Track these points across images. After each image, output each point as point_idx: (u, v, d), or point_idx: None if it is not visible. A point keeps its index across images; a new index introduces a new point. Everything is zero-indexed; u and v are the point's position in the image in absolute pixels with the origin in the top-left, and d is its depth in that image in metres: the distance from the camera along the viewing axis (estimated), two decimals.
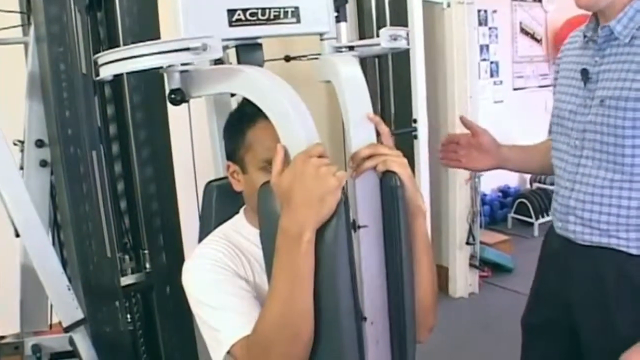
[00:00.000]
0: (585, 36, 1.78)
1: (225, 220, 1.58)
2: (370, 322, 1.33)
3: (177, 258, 2.21)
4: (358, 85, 1.34)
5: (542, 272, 2.05)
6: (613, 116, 1.63)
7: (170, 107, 1.85)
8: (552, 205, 1.95)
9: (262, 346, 1.25)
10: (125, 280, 2.24)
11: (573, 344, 1.87)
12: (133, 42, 1.77)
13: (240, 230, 1.51)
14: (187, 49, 1.17)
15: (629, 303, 1.69)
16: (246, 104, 1.51)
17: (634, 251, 1.68)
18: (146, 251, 2.24)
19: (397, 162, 1.29)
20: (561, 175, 1.85)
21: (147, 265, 2.25)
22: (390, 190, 1.29)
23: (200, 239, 1.65)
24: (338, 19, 1.49)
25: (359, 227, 1.30)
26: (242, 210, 1.57)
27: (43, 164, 2.06)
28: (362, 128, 1.32)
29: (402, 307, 1.32)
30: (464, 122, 2.06)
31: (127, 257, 2.31)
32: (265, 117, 1.42)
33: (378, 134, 1.34)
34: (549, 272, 1.97)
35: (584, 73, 1.74)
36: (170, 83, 1.29)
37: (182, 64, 1.26)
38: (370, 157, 1.29)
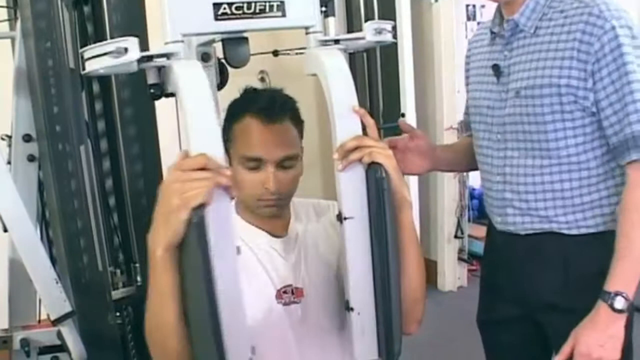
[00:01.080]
0: (492, 32, 1.83)
1: None
2: (357, 312, 1.35)
3: None
4: (343, 78, 1.33)
5: (489, 270, 2.09)
6: (531, 105, 1.68)
7: (157, 101, 1.86)
8: (486, 202, 1.98)
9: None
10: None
11: (535, 333, 1.90)
12: (120, 36, 1.77)
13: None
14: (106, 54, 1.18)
15: (578, 283, 1.72)
16: (245, 96, 1.54)
17: (574, 232, 1.73)
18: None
19: (382, 154, 1.30)
20: (489, 170, 1.87)
21: (138, 279, 2.27)
22: (376, 182, 1.29)
23: None
24: (326, 14, 1.49)
25: (345, 218, 1.31)
26: (233, 203, 1.58)
27: (31, 158, 2.06)
28: (348, 120, 1.32)
29: (389, 297, 1.33)
30: (402, 126, 2.01)
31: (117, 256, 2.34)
32: (252, 113, 1.45)
33: (363, 126, 1.35)
34: (497, 268, 1.97)
35: (495, 68, 1.79)
36: (149, 78, 1.30)
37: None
38: (355, 149, 1.29)
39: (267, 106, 1.47)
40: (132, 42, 1.18)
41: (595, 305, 1.59)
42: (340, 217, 1.32)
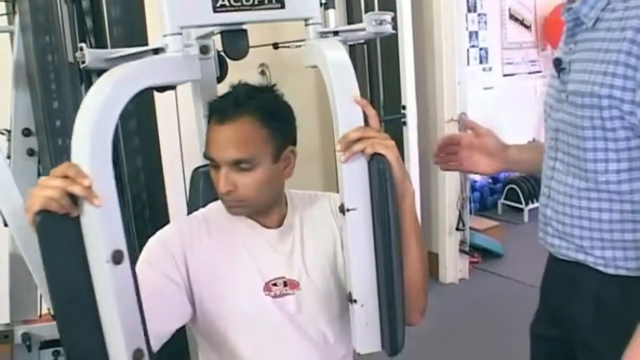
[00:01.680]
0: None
1: None
2: (360, 304, 1.35)
3: None
4: (345, 69, 1.32)
5: (543, 281, 1.79)
6: (574, 114, 1.43)
7: (157, 95, 1.85)
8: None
9: None
10: None
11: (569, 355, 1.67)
12: (119, 31, 1.76)
13: (223, 211, 1.52)
14: None
15: (609, 326, 1.49)
16: (231, 91, 1.51)
17: (611, 271, 1.47)
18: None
19: (384, 145, 1.29)
20: (542, 180, 1.65)
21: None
22: (379, 173, 1.29)
23: None
24: (326, 6, 1.49)
25: (348, 210, 1.30)
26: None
27: (30, 152, 2.06)
28: (350, 111, 1.31)
29: (393, 288, 1.33)
30: (465, 122, 1.86)
31: None
32: (217, 112, 1.45)
33: (365, 117, 1.34)
34: (546, 282, 1.76)
35: (557, 62, 1.53)
36: None
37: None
38: (358, 140, 1.28)
39: (224, 106, 1.44)
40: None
41: None
42: (342, 209, 1.31)
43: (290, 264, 1.55)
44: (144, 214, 2.20)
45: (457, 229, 4.82)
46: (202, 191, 1.69)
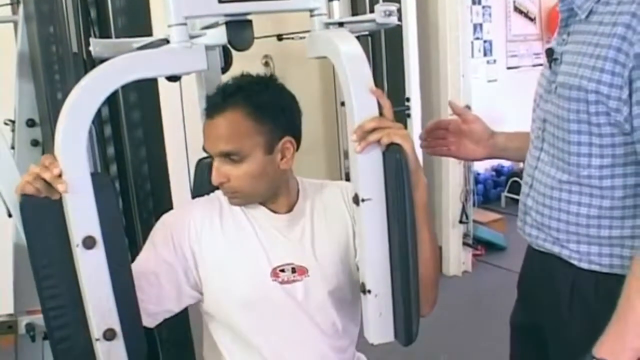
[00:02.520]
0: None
1: None
2: (374, 295, 1.35)
3: None
4: (359, 59, 1.31)
5: (522, 270, 1.81)
6: (561, 107, 1.42)
7: (161, 86, 1.85)
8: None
9: None
10: None
11: (542, 347, 1.69)
12: (123, 21, 1.76)
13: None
14: None
15: (582, 319, 1.50)
16: (222, 85, 1.52)
17: (584, 265, 1.47)
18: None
19: (400, 135, 1.29)
20: (525, 169, 1.64)
21: None
22: (396, 163, 1.29)
23: None
24: None
25: (363, 200, 1.30)
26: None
27: (34, 143, 2.06)
28: (365, 102, 1.30)
29: (408, 279, 1.33)
30: (453, 107, 1.86)
31: None
32: (210, 105, 1.47)
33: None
34: (524, 272, 1.78)
35: (549, 52, 1.52)
36: None
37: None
38: (373, 130, 1.28)
39: (213, 100, 1.48)
40: None
41: None
42: (357, 199, 1.31)
43: (300, 250, 1.56)
44: (147, 205, 2.20)
45: (461, 221, 4.82)
46: (206, 182, 1.68)
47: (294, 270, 1.54)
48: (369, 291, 1.35)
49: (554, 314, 1.57)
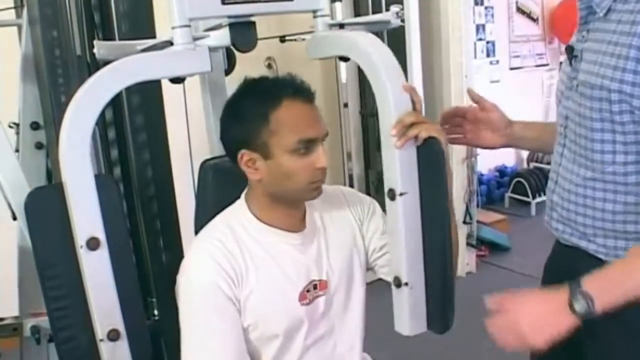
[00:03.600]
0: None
1: (222, 201, 1.59)
2: (410, 286, 1.40)
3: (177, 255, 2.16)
4: (390, 57, 1.36)
5: (548, 261, 1.81)
6: (583, 105, 1.44)
7: (165, 88, 1.85)
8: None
9: None
10: None
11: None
12: (126, 23, 1.76)
13: (246, 224, 1.50)
14: None
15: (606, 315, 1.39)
16: (257, 82, 1.48)
17: (611, 259, 1.48)
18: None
19: (436, 129, 1.33)
20: (551, 165, 1.67)
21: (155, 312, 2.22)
22: (436, 155, 1.33)
23: (197, 220, 1.66)
24: None
25: (401, 194, 1.33)
26: (244, 200, 1.55)
27: (39, 146, 2.06)
28: (401, 98, 1.33)
29: (445, 267, 1.39)
30: (471, 95, 1.85)
31: None
32: (291, 95, 1.42)
33: None
34: (549, 263, 1.80)
35: (569, 50, 1.53)
36: None
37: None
38: (411, 125, 1.31)
39: (301, 85, 1.45)
40: None
41: (560, 288, 1.35)
42: (392, 194, 1.34)
43: (319, 265, 1.54)
44: (152, 207, 2.20)
45: (464, 222, 4.81)
46: (210, 184, 1.69)
47: (315, 287, 1.53)
48: (406, 284, 1.40)
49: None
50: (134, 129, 2.14)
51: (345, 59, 1.47)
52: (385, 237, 1.57)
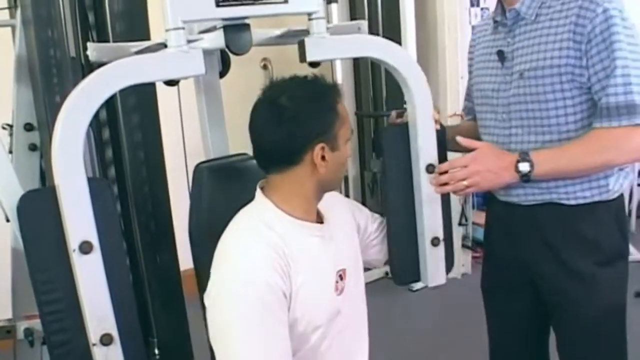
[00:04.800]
0: (495, 21, 1.98)
1: (216, 203, 1.58)
2: (444, 242, 1.78)
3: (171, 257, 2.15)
4: (421, 78, 1.70)
5: (491, 238, 2.21)
6: (534, 85, 1.82)
7: (159, 90, 1.84)
8: None
9: None
10: None
11: (532, 298, 2.03)
12: (120, 25, 1.76)
13: (278, 220, 1.50)
14: None
15: (576, 248, 1.87)
16: (303, 81, 1.53)
17: (572, 202, 1.86)
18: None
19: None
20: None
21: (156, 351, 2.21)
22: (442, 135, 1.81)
23: (191, 222, 1.65)
24: (329, 0, 1.49)
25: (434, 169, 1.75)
26: (265, 198, 1.53)
27: (32, 147, 2.05)
28: (429, 130, 1.72)
29: (451, 224, 1.86)
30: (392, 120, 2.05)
31: None
32: (336, 94, 1.52)
33: None
34: (498, 237, 2.13)
35: (500, 53, 1.94)
36: None
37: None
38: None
39: (329, 87, 1.53)
40: None
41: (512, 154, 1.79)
42: (432, 168, 1.72)
43: (338, 255, 1.59)
44: (146, 208, 2.19)
45: (460, 224, 4.81)
46: (205, 186, 1.68)
47: (341, 277, 1.58)
48: (444, 240, 1.76)
49: (548, 255, 1.92)
50: (128, 129, 2.13)
51: (315, 64, 1.58)
52: (377, 218, 1.83)
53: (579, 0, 1.75)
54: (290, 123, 1.43)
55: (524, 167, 1.74)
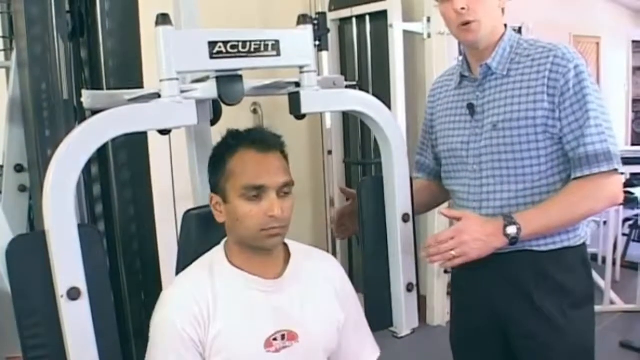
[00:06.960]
0: (462, 76, 2.06)
1: (204, 251, 1.59)
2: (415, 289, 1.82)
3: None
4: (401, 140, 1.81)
5: (458, 290, 2.24)
6: (509, 136, 1.90)
7: (150, 138, 1.86)
8: None
9: None
10: None
11: (502, 346, 2.04)
12: (114, 70, 1.77)
13: (220, 267, 1.54)
14: None
15: (548, 293, 1.92)
16: (229, 135, 1.54)
17: (543, 248, 1.92)
18: None
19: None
20: (466, 199, 2.04)
21: None
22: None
23: (178, 270, 1.65)
24: (320, 48, 1.53)
25: (409, 219, 1.82)
26: (222, 246, 1.59)
27: (22, 188, 2.06)
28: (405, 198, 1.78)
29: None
30: (342, 191, 2.27)
31: None
32: (247, 145, 1.47)
33: None
34: (466, 287, 2.14)
35: (470, 106, 2.00)
36: None
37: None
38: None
39: (261, 137, 1.51)
40: None
41: (496, 219, 1.85)
42: (407, 217, 1.77)
43: (290, 314, 1.54)
44: (132, 246, 2.18)
45: (446, 271, 4.80)
46: (193, 234, 1.68)
47: (283, 337, 1.52)
48: (416, 285, 1.80)
49: (520, 302, 1.95)
50: (116, 167, 2.12)
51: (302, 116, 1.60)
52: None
53: (550, 57, 1.86)
54: None
55: (512, 230, 1.80)
